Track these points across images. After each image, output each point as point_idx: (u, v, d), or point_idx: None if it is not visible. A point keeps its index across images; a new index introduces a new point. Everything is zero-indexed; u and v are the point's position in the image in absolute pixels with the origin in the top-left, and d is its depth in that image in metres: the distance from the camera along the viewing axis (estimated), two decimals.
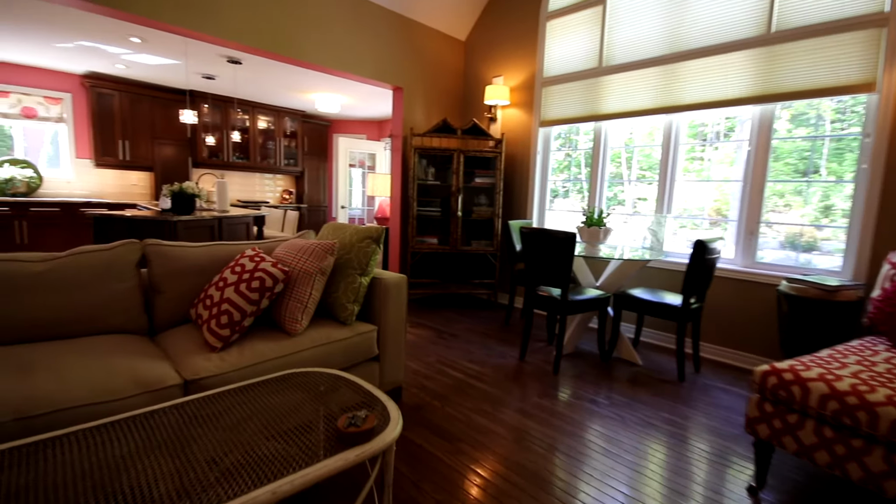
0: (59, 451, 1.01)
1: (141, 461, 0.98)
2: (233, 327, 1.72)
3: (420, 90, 4.30)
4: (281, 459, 1.02)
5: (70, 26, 3.81)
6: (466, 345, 3.18)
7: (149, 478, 0.93)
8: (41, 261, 1.70)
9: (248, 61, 4.48)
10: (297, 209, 7.21)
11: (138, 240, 1.97)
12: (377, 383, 2.14)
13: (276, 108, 6.85)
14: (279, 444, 1.07)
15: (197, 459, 1.00)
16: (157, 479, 0.93)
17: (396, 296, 2.17)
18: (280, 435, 1.12)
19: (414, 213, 4.06)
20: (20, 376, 1.33)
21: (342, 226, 2.27)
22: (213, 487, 0.91)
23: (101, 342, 1.66)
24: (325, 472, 0.99)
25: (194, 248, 2.03)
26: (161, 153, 6.09)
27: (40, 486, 0.89)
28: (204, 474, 0.95)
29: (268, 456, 1.03)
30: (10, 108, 5.31)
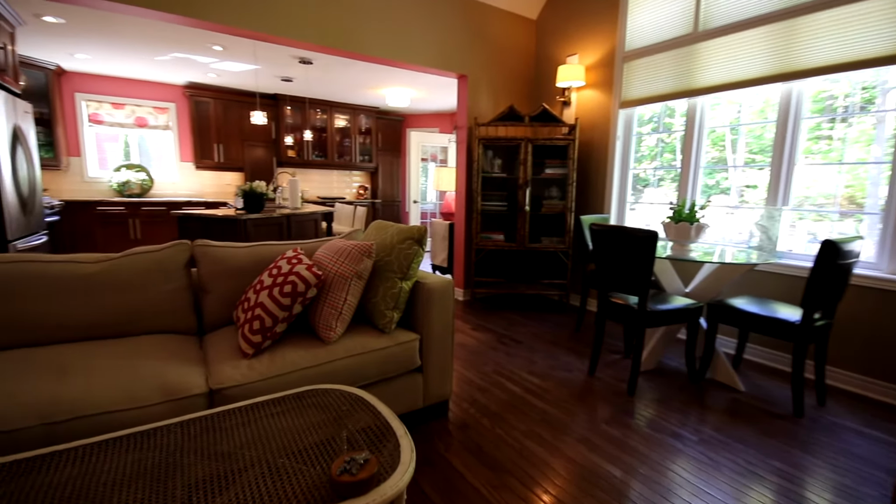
0: (34, 473, 0.97)
1: (113, 493, 0.90)
2: (264, 333, 1.66)
3: (486, 77, 4.03)
4: None
5: (162, 39, 4.16)
6: (529, 353, 2.89)
7: None
8: (95, 262, 1.78)
9: (318, 61, 4.56)
10: (372, 205, 7.35)
11: (188, 241, 2.00)
12: (420, 397, 1.97)
13: (352, 105, 7.02)
14: (262, 486, 0.93)
15: (167, 497, 0.89)
16: None
17: (442, 302, 1.97)
18: (269, 472, 0.98)
19: (478, 207, 3.83)
20: (54, 379, 1.36)
21: (385, 225, 2.12)
22: None
23: (145, 343, 1.69)
24: None
25: (239, 248, 2.02)
26: (250, 154, 6.54)
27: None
28: None
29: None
30: (126, 118, 6.04)
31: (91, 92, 5.80)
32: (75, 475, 0.95)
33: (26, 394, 1.27)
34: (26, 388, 1.29)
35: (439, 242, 4.57)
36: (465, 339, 3.16)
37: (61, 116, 5.53)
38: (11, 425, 1.19)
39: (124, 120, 6.07)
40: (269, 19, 3.02)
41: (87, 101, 5.82)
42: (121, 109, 6.05)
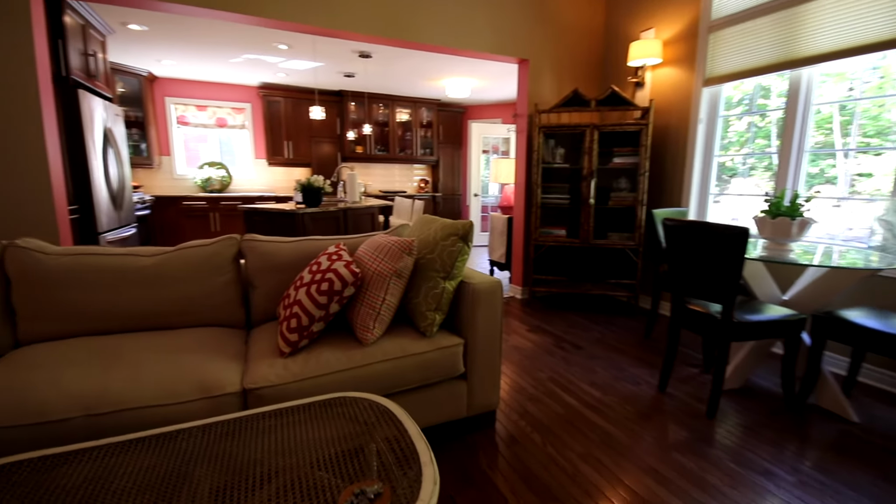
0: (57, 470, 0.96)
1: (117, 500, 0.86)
2: (301, 332, 1.60)
3: (548, 60, 3.75)
4: None
5: (234, 42, 4.36)
6: (590, 360, 2.64)
7: None
8: (151, 255, 1.83)
9: (377, 54, 4.54)
10: (432, 198, 7.30)
11: (238, 235, 2.02)
12: (463, 406, 1.83)
13: (413, 98, 6.99)
14: None
15: None
16: None
17: (489, 304, 1.81)
18: (275, 495, 0.89)
19: (538, 201, 3.59)
20: (103, 369, 1.39)
21: (431, 219, 1.99)
22: None
23: (193, 336, 1.71)
24: None
25: (284, 243, 2.00)
26: (317, 150, 6.75)
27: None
28: None
29: None
30: (208, 119, 6.49)
31: (178, 96, 6.30)
32: (88, 479, 0.92)
33: (75, 383, 1.31)
34: (76, 378, 1.34)
35: (497, 237, 4.38)
36: (519, 340, 2.96)
37: (153, 119, 6.06)
38: (55, 416, 1.23)
39: (207, 121, 6.53)
40: (329, 13, 3.00)
41: (175, 104, 6.33)
42: (204, 111, 6.52)
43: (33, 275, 1.65)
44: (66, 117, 3.15)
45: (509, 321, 3.38)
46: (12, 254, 1.65)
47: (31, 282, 1.65)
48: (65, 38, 3.09)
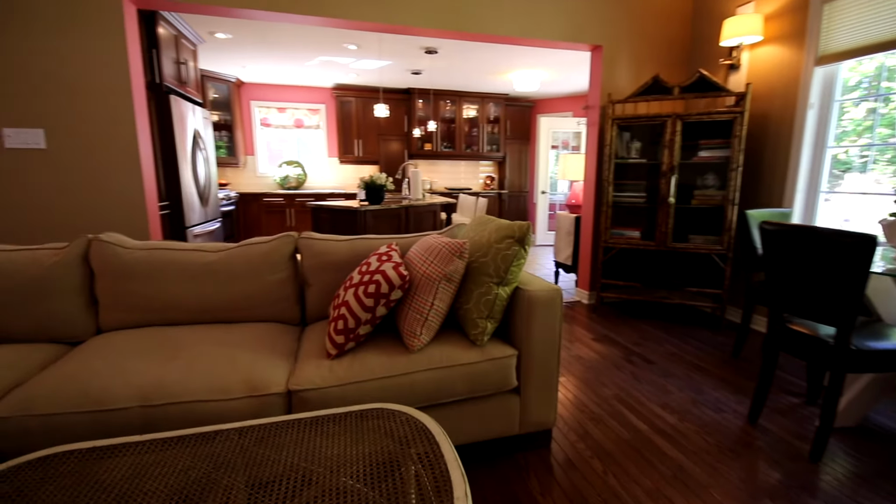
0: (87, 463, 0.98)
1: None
2: (347, 335, 1.57)
3: (625, 45, 3.43)
4: None
5: (307, 45, 4.53)
6: (664, 378, 2.36)
7: None
8: (216, 251, 1.91)
9: (442, 49, 4.47)
10: (498, 195, 7.13)
11: (296, 233, 2.04)
12: (515, 422, 1.69)
13: (480, 94, 6.86)
14: None
15: None
16: None
17: (547, 314, 1.65)
18: None
19: (609, 199, 3.30)
20: (163, 361, 1.45)
21: (487, 220, 1.87)
22: None
23: (251, 331, 1.75)
24: None
25: (338, 241, 1.99)
26: (385, 148, 6.88)
27: None
28: None
29: None
30: (288, 120, 6.87)
31: (261, 99, 6.73)
32: (125, 476, 0.93)
33: (136, 374, 1.38)
34: (138, 369, 1.40)
35: (564, 238, 4.13)
36: (583, 350, 2.74)
37: (240, 121, 6.54)
38: (114, 405, 1.29)
39: (286, 122, 6.93)
40: (392, 9, 2.98)
41: (259, 106, 6.77)
42: (283, 113, 6.91)
43: (113, 267, 1.78)
44: (160, 121, 3.45)
45: (573, 328, 3.15)
46: (96, 247, 1.79)
47: (111, 274, 1.78)
48: (158, 48, 3.37)
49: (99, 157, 2.75)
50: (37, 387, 1.32)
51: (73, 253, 1.78)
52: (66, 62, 2.61)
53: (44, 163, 2.68)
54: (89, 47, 2.63)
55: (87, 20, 2.60)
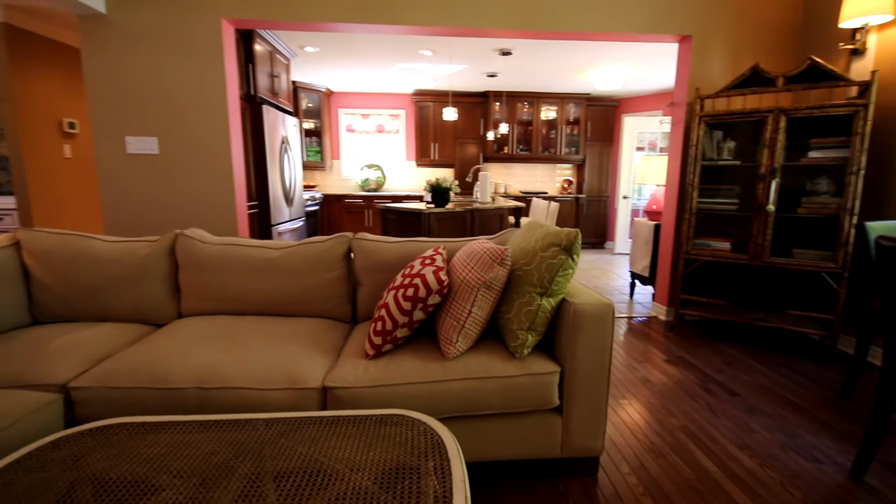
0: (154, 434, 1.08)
1: (172, 482, 0.91)
2: (385, 336, 1.58)
3: (719, 32, 3.06)
4: None
5: (386, 53, 4.71)
6: (748, 413, 2.05)
7: None
8: (278, 248, 2.04)
9: (517, 49, 4.37)
10: (575, 200, 6.81)
11: (351, 233, 2.11)
12: (556, 445, 1.58)
13: (559, 94, 6.61)
14: None
15: None
16: None
17: (595, 330, 1.52)
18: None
19: (693, 205, 2.97)
20: (221, 348, 1.58)
21: (536, 225, 1.77)
22: None
23: (303, 325, 1.85)
24: None
25: (388, 242, 2.02)
26: (461, 151, 6.93)
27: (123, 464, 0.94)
28: None
29: None
30: (370, 126, 7.23)
31: (348, 106, 7.16)
32: (161, 452, 1.02)
33: (197, 358, 1.51)
34: (200, 354, 1.54)
35: (641, 246, 3.80)
36: (652, 372, 2.49)
37: (328, 127, 7.02)
38: (175, 384, 1.43)
39: (369, 127, 7.30)
40: (462, 13, 2.98)
41: (345, 113, 7.21)
42: (367, 119, 7.29)
43: (193, 260, 1.99)
44: (253, 129, 3.81)
45: (645, 347, 2.89)
46: (180, 241, 2.02)
47: (191, 265, 1.99)
48: (254, 63, 3.73)
49: (198, 162, 3.11)
50: (119, 362, 1.51)
51: (162, 246, 2.02)
52: (174, 79, 2.99)
53: (156, 166, 3.10)
54: (193, 65, 2.98)
55: (192, 42, 2.95)
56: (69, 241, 1.96)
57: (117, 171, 3.08)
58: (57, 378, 1.46)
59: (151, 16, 2.90)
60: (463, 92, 6.70)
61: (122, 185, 3.09)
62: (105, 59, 2.94)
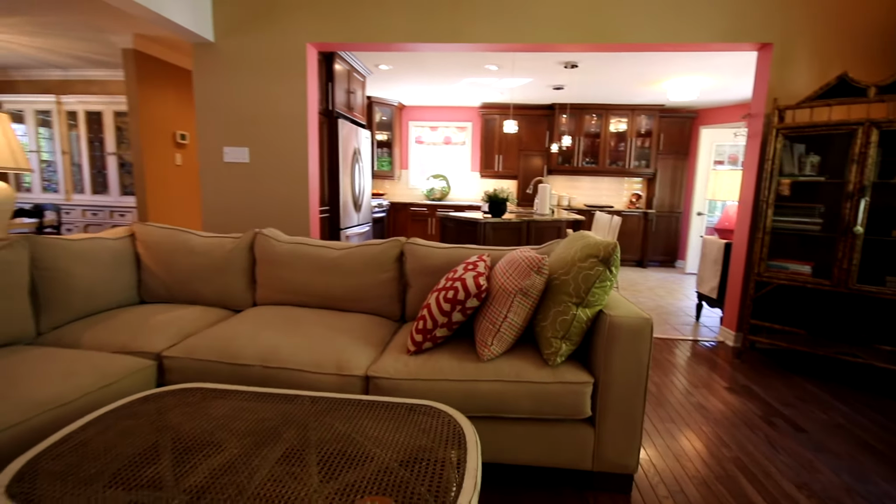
0: (215, 400, 1.27)
1: (230, 439, 1.09)
2: (425, 335, 1.69)
3: (802, 39, 2.84)
4: None
5: (452, 69, 4.91)
6: (814, 452, 1.88)
7: None
8: (339, 249, 2.24)
9: (583, 62, 4.34)
10: (644, 215, 6.51)
11: (404, 238, 2.27)
12: (588, 457, 1.58)
13: (629, 106, 6.39)
14: (297, 489, 0.93)
15: (253, 463, 1.01)
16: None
17: (631, 343, 1.51)
18: (296, 474, 0.97)
19: (767, 224, 2.76)
20: (284, 334, 1.78)
21: (580, 236, 1.79)
22: None
23: (356, 321, 2.02)
24: None
25: (437, 248, 2.14)
26: (525, 163, 6.95)
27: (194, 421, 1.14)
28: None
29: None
30: (438, 138, 7.49)
31: (418, 119, 7.50)
32: (225, 414, 1.21)
33: (263, 341, 1.73)
34: (266, 337, 1.76)
35: (709, 266, 3.58)
36: (711, 400, 2.36)
37: (398, 139, 7.39)
38: (243, 361, 1.65)
39: (437, 139, 7.57)
40: (523, 30, 3.06)
41: (415, 126, 7.56)
42: (435, 131, 7.57)
43: (267, 256, 2.25)
44: (329, 141, 4.16)
45: (707, 372, 2.73)
46: (258, 239, 2.29)
47: (266, 261, 2.26)
48: (333, 81, 4.08)
49: (279, 169, 3.47)
50: (201, 339, 1.77)
51: (244, 242, 2.31)
52: (264, 96, 3.38)
53: (246, 173, 3.51)
54: (281, 84, 3.36)
55: (281, 64, 3.33)
56: (172, 235, 2.31)
57: (215, 176, 3.53)
58: (154, 348, 1.75)
59: (249, 42, 3.33)
60: (529, 104, 6.73)
61: (218, 189, 3.54)
62: (211, 80, 3.41)
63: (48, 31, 4.13)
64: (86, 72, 5.61)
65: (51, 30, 4.10)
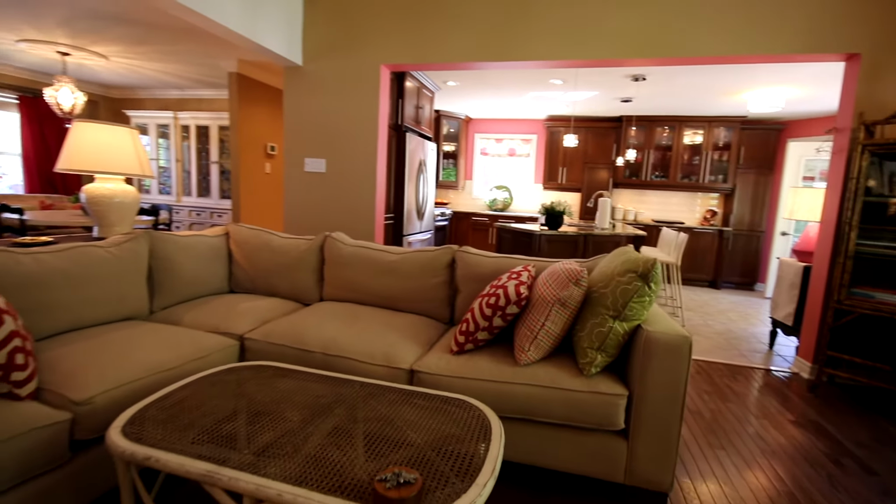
0: (284, 379, 1.49)
1: (287, 409, 1.30)
2: (467, 336, 1.82)
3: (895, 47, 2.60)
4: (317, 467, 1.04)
5: (517, 84, 5.02)
6: (880, 496, 1.73)
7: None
8: (397, 254, 2.45)
9: (652, 75, 4.24)
10: (719, 233, 6.10)
11: (456, 246, 2.42)
12: (620, 470, 1.61)
13: (707, 118, 6.05)
14: (331, 457, 1.10)
15: (303, 429, 1.20)
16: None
17: (667, 360, 1.53)
18: (341, 443, 1.13)
19: (850, 247, 2.55)
20: (344, 327, 2.00)
21: (622, 252, 1.83)
22: None
23: (408, 320, 2.19)
24: None
25: (486, 257, 2.26)
26: (591, 176, 6.84)
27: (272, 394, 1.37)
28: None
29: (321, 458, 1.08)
30: (502, 149, 7.61)
31: (483, 132, 7.68)
32: (290, 388, 1.43)
33: (325, 332, 1.96)
34: (328, 329, 1.99)
35: (785, 291, 3.33)
36: (771, 432, 2.23)
37: (464, 151, 7.62)
38: (308, 347, 1.89)
39: (501, 151, 7.70)
40: (596, 45, 3.09)
41: (481, 138, 7.74)
42: (500, 143, 7.70)
43: (334, 257, 2.52)
44: (397, 153, 4.46)
45: (774, 403, 2.57)
46: (327, 242, 2.57)
47: (333, 261, 2.52)
48: (403, 97, 4.38)
49: (350, 179, 3.80)
50: (276, 326, 2.05)
51: (315, 244, 2.59)
52: (341, 113, 3.73)
53: (322, 182, 3.88)
54: (356, 102, 3.69)
55: (357, 83, 3.66)
56: (257, 235, 2.66)
57: (297, 184, 3.94)
58: (238, 330, 2.05)
59: (331, 65, 3.70)
60: (596, 117, 6.63)
61: (298, 195, 3.95)
62: (298, 98, 3.83)
63: (170, 57, 4.87)
64: (198, 91, 6.49)
65: (172, 57, 4.84)
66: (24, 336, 1.36)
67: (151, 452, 1.08)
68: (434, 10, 3.39)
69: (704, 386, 2.79)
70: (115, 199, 2.58)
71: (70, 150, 2.40)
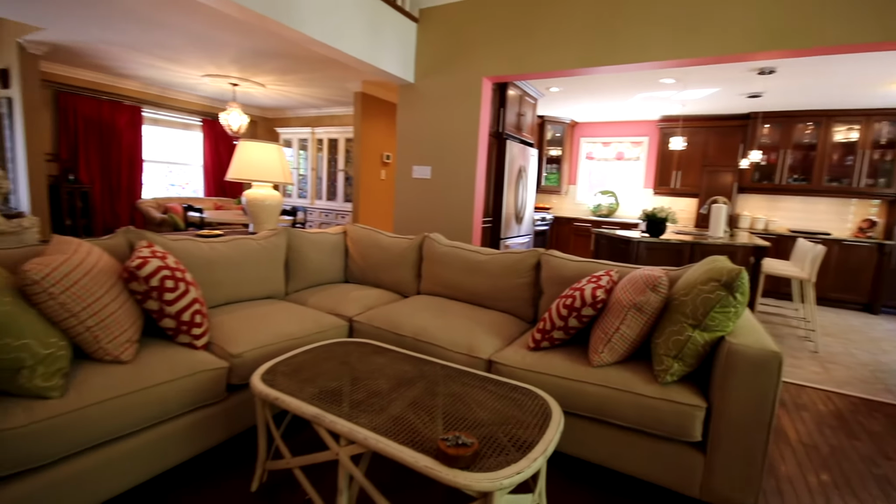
0: (380, 357, 1.77)
1: (377, 379, 1.56)
2: (543, 334, 1.93)
3: None
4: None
5: (623, 85, 4.84)
6: None
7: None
8: (486, 255, 2.62)
9: (782, 67, 3.77)
10: (879, 247, 5.10)
11: (542, 249, 2.52)
12: (695, 484, 1.58)
13: (864, 111, 5.10)
14: (410, 425, 1.31)
15: (386, 393, 1.45)
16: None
17: (754, 375, 1.47)
18: (417, 410, 1.34)
19: None
20: (433, 317, 2.25)
21: (713, 260, 1.78)
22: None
23: (492, 316, 2.36)
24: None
25: (570, 261, 2.33)
26: (709, 180, 6.24)
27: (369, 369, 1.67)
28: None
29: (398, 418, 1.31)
30: (610, 153, 7.32)
31: (589, 136, 7.48)
32: (382, 363, 1.70)
33: (417, 320, 2.23)
34: (419, 318, 2.25)
35: None
36: (886, 460, 1.93)
37: (568, 155, 7.51)
38: (401, 332, 2.17)
39: (608, 155, 7.41)
40: (713, 41, 2.92)
41: (587, 142, 7.55)
42: (608, 147, 7.42)
43: (431, 255, 2.79)
44: (497, 159, 4.64)
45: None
46: (426, 242, 2.85)
47: (430, 259, 2.80)
48: (505, 106, 4.55)
49: (452, 185, 4.10)
50: (377, 311, 2.38)
51: (415, 243, 2.90)
52: (445, 123, 4.05)
53: (426, 187, 4.24)
54: (459, 113, 3.97)
55: (461, 96, 3.94)
56: (369, 234, 3.06)
57: (405, 189, 4.37)
58: (348, 313, 2.42)
59: (439, 81, 4.04)
60: (718, 115, 6.04)
61: (406, 199, 4.37)
62: (410, 111, 4.25)
63: (311, 82, 5.73)
64: (330, 109, 7.47)
65: (312, 82, 5.69)
66: (201, 302, 1.85)
67: (280, 395, 1.42)
68: (534, 21, 3.51)
69: (829, 420, 2.47)
70: (266, 201, 3.20)
71: (236, 163, 3.04)
